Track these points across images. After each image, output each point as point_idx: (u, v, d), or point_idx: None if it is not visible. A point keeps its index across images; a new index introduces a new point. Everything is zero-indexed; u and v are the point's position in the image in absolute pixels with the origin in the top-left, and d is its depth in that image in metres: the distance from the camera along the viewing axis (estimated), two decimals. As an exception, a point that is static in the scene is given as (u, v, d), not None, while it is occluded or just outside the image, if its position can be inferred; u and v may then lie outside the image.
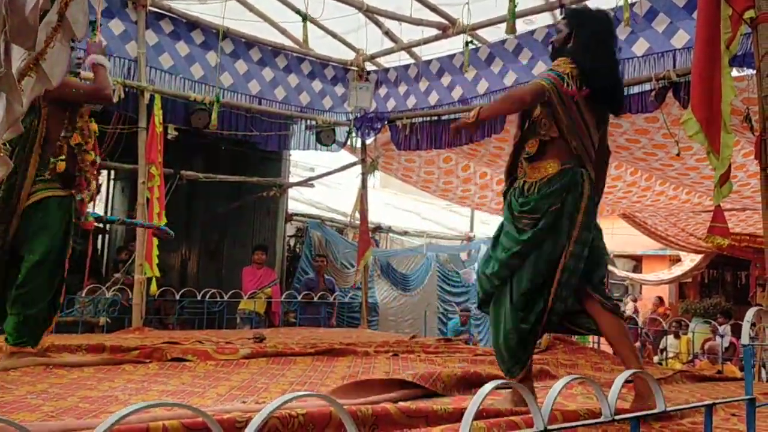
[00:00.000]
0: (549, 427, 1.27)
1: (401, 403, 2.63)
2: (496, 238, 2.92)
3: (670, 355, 9.20)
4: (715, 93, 2.58)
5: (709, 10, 2.58)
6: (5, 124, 1.54)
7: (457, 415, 2.54)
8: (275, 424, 2.22)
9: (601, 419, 1.42)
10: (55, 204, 3.61)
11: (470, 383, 3.36)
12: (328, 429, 2.29)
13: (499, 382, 1.29)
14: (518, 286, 2.74)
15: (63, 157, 3.59)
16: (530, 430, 1.27)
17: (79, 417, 2.35)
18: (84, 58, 4.02)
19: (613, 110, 2.94)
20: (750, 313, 2.00)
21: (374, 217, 10.32)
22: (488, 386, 1.23)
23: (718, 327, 7.32)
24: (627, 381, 3.65)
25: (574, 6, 5.48)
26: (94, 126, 3.89)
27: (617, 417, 1.44)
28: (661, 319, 10.08)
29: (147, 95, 6.42)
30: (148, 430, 1.98)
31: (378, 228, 11.15)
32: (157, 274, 6.39)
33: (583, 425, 1.78)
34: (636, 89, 5.68)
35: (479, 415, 2.52)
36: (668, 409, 1.66)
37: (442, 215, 13.97)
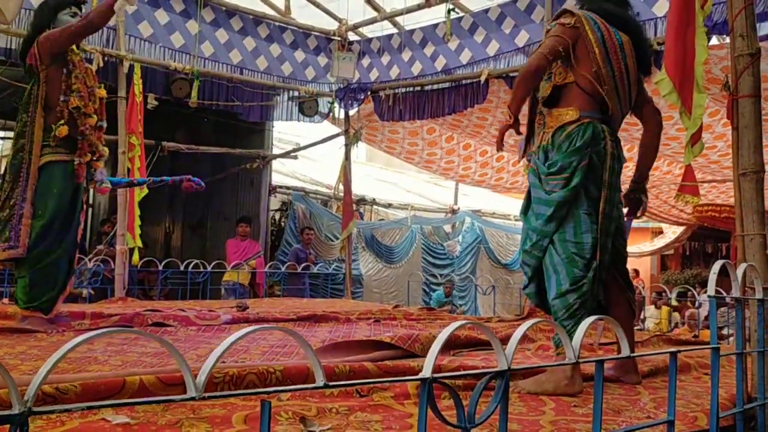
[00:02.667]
0: (513, 367, 1.30)
1: (379, 362, 2.67)
2: (525, 213, 2.75)
3: (651, 325, 9.36)
4: (688, 53, 2.60)
5: (685, -31, 2.59)
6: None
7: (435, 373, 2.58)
8: (253, 380, 2.25)
9: (565, 361, 1.45)
10: (59, 168, 3.62)
11: (449, 345, 3.40)
12: (306, 384, 2.32)
13: (463, 322, 1.32)
14: (563, 246, 2.54)
15: (63, 121, 3.59)
16: (494, 369, 1.29)
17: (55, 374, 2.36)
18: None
19: (640, 62, 2.72)
20: (716, 266, 2.03)
21: (359, 189, 10.34)
22: (454, 325, 1.25)
23: (697, 296, 7.46)
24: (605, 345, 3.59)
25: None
26: (102, 92, 3.89)
27: (580, 360, 1.47)
28: (640, 287, 10.23)
29: (126, 64, 6.35)
30: (125, 384, 2.00)
31: (362, 200, 11.17)
32: (140, 244, 6.37)
33: (547, 366, 1.82)
34: (617, 58, 5.69)
35: (455, 369, 2.56)
36: (633, 354, 1.70)
37: (426, 188, 14.00)
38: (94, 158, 3.79)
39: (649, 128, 2.90)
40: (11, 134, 4.30)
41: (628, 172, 2.81)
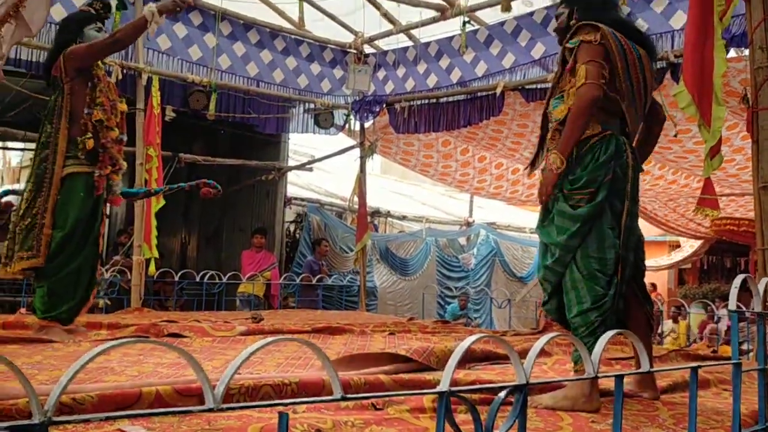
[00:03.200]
0: (531, 381, 1.29)
1: (394, 375, 2.65)
2: (542, 225, 2.69)
3: (669, 339, 9.26)
4: (707, 66, 2.58)
5: (703, -18, 2.58)
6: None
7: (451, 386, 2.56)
8: (268, 392, 2.24)
9: (584, 376, 1.43)
10: (81, 180, 3.66)
11: (465, 358, 3.37)
12: (321, 396, 2.31)
13: (480, 336, 1.31)
14: (585, 261, 2.51)
15: (89, 135, 3.64)
16: (512, 383, 1.28)
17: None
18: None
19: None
20: (738, 280, 2.00)
21: (373, 202, 10.34)
22: (471, 338, 1.24)
23: (715, 310, 7.36)
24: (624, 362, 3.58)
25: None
26: (123, 106, 3.95)
27: (600, 375, 1.45)
28: (658, 301, 10.13)
29: (145, 77, 6.42)
30: (141, 395, 2.00)
31: (377, 212, 11.17)
32: (156, 254, 6.41)
33: (566, 381, 1.80)
34: (634, 70, 5.67)
35: (472, 383, 2.54)
36: (653, 369, 1.68)
37: (441, 200, 13.98)
38: (114, 170, 3.83)
39: (655, 124, 2.85)
40: (32, 145, 4.36)
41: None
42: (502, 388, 1.30)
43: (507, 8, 5.69)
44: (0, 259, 3.72)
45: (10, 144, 9.87)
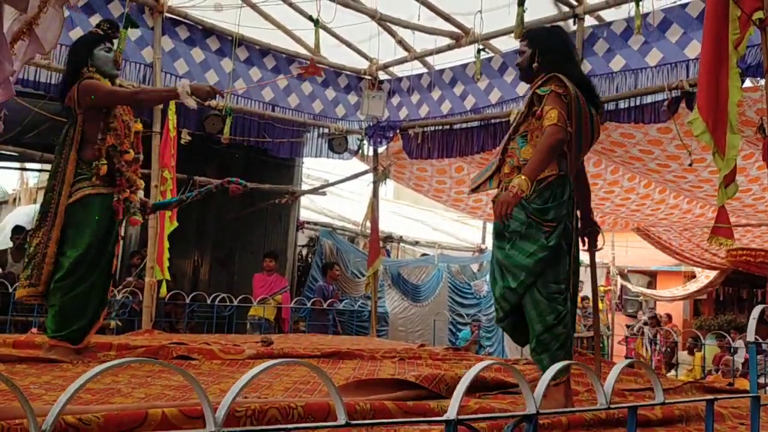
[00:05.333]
0: (541, 411, 1.26)
1: (399, 401, 2.62)
2: (500, 248, 2.97)
3: (684, 371, 9.10)
4: (721, 94, 2.57)
5: (718, 10, 2.58)
6: (-5, 82, 1.57)
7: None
8: (274, 415, 2.22)
9: (597, 406, 1.40)
10: (97, 201, 3.68)
11: (475, 387, 3.33)
12: (327, 421, 2.28)
13: (490, 362, 1.28)
14: (546, 285, 2.82)
15: (104, 161, 3.67)
16: (523, 413, 1.25)
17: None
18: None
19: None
20: (756, 311, 1.97)
21: (386, 227, 10.33)
22: (481, 365, 1.22)
23: (731, 342, 7.23)
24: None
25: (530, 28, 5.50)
26: (138, 126, 3.99)
27: (613, 405, 1.42)
28: (673, 332, 9.98)
29: (161, 100, 6.48)
30: (147, 416, 1.98)
31: (389, 238, 11.15)
32: (168, 276, 6.42)
33: (578, 411, 1.76)
34: (649, 99, 5.66)
35: (480, 412, 2.50)
36: (667, 401, 1.64)
37: (454, 227, 13.95)
38: (131, 191, 3.85)
39: (583, 178, 3.25)
40: (49, 166, 4.41)
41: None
42: (511, 417, 1.27)
43: (520, 36, 5.69)
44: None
45: (28, 165, 9.98)
